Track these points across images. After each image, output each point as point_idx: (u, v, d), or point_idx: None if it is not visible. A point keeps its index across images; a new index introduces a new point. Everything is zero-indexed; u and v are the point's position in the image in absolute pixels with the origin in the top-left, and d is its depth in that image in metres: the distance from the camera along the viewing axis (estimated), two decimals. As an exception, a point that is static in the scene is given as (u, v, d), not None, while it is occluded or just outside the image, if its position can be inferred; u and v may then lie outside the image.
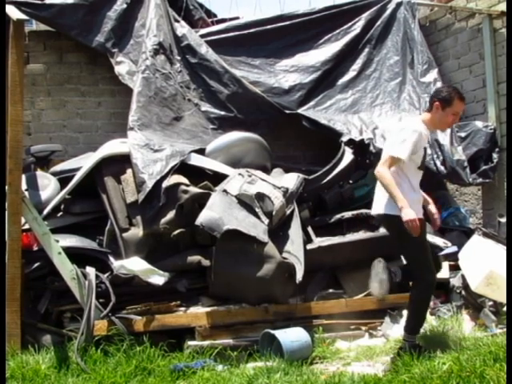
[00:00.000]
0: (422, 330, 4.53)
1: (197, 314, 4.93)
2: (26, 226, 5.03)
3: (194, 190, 5.28)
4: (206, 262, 5.14)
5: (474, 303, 5.24)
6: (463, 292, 5.32)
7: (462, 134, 6.43)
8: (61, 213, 5.59)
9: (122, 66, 6.47)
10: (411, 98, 6.72)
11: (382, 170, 4.25)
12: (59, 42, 6.68)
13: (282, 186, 5.46)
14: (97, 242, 5.34)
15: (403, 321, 5.05)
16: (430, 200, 4.61)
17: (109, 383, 4.17)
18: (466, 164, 6.24)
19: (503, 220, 5.89)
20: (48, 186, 5.59)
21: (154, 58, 6.29)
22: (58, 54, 6.71)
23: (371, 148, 6.26)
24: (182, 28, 6.67)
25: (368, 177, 6.25)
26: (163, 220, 5.18)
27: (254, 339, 4.78)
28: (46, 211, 5.39)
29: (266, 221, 5.20)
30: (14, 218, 4.82)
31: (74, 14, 6.42)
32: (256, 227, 5.11)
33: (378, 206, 4.41)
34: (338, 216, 5.76)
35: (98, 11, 6.50)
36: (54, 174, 5.83)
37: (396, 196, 4.14)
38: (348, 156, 6.14)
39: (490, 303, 5.14)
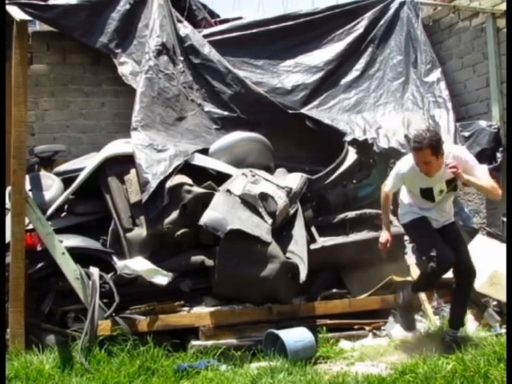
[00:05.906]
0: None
1: (200, 313, 4.94)
2: (30, 227, 5.03)
3: (197, 190, 5.28)
4: (209, 262, 5.14)
5: (478, 303, 5.23)
6: (467, 292, 5.31)
7: (466, 134, 6.41)
8: (64, 213, 5.60)
9: (126, 67, 6.47)
10: (415, 97, 6.71)
11: (381, 192, 4.82)
12: (62, 43, 6.69)
13: (286, 186, 5.46)
14: (100, 242, 5.34)
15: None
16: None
17: (112, 383, 4.18)
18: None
19: (506, 219, 5.88)
20: (52, 187, 5.59)
21: (157, 59, 6.29)
22: (61, 55, 6.72)
23: (375, 148, 6.25)
24: (185, 28, 6.67)
25: (371, 177, 6.25)
26: (167, 220, 5.18)
27: (257, 339, 4.77)
28: (49, 211, 5.39)
29: (270, 221, 5.19)
30: (18, 219, 4.82)
31: (78, 14, 6.44)
32: (259, 227, 5.11)
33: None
34: (342, 216, 5.75)
35: (101, 12, 6.51)
36: (58, 174, 5.83)
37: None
38: (351, 156, 6.13)
39: (494, 303, 5.13)
